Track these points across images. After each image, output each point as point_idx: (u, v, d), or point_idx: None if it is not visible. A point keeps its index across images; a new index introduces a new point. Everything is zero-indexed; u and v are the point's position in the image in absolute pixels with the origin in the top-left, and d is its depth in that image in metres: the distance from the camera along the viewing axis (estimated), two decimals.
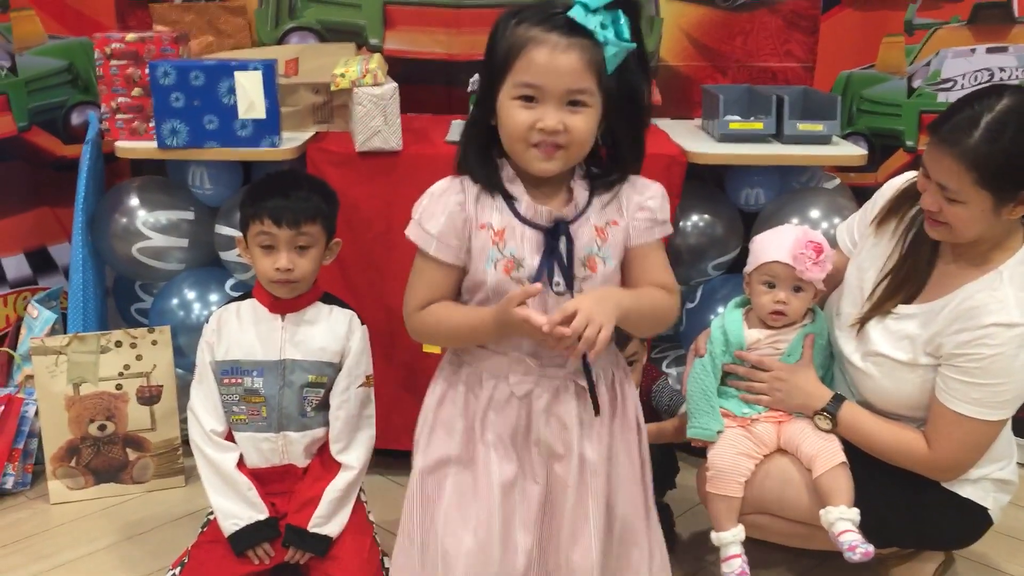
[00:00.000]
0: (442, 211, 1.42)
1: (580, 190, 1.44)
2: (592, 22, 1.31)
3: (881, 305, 1.87)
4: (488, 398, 1.48)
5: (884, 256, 1.91)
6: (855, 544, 1.76)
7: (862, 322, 1.89)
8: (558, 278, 1.41)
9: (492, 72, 1.37)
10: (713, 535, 1.88)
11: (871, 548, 1.75)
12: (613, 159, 1.45)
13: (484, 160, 1.43)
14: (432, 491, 1.52)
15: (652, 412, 2.25)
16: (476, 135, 1.43)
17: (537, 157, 1.37)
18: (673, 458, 2.21)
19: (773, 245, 1.92)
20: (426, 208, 1.43)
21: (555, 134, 1.34)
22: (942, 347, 1.78)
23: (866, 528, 1.79)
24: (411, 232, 1.45)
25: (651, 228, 1.48)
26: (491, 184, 1.42)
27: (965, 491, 1.88)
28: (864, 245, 1.96)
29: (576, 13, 1.31)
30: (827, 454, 1.86)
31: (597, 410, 1.48)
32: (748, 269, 1.97)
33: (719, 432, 1.91)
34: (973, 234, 1.75)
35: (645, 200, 1.47)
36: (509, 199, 1.42)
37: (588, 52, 1.32)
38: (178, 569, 1.98)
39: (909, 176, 1.90)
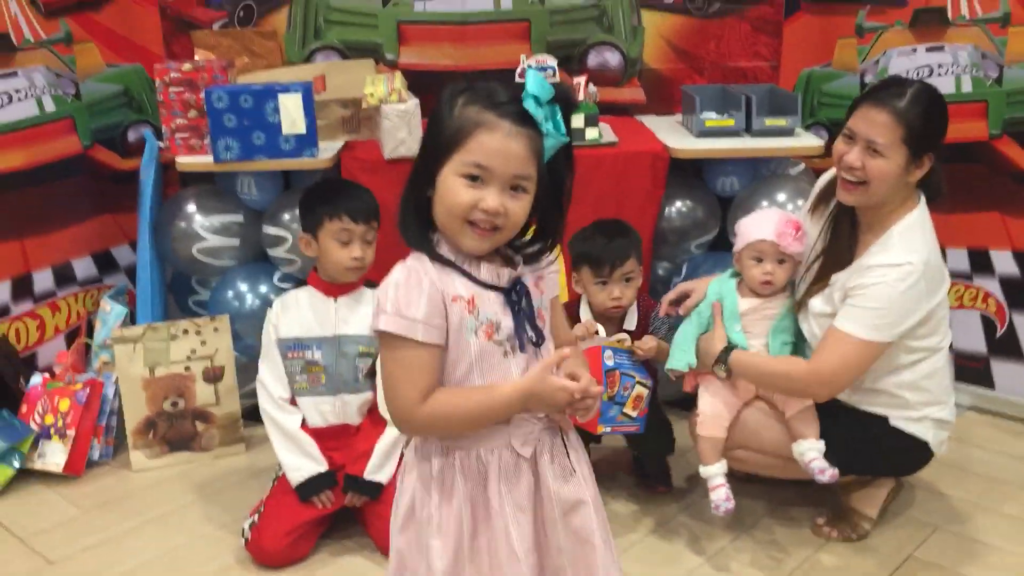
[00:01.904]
0: (420, 295, 1.37)
1: (509, 253, 1.46)
2: (540, 114, 1.35)
3: (815, 284, 2.21)
4: (497, 469, 1.44)
5: (814, 239, 2.27)
6: (823, 468, 2.13)
7: (802, 301, 2.23)
8: (531, 333, 1.44)
9: (437, 147, 1.37)
10: (701, 468, 2.25)
11: (836, 471, 2.12)
12: (538, 232, 1.46)
13: (424, 235, 1.42)
14: None
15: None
16: (415, 207, 1.41)
17: (471, 235, 1.36)
18: (670, 428, 2.55)
19: (758, 226, 2.27)
20: (400, 297, 1.37)
21: (495, 215, 1.35)
22: (845, 294, 2.12)
23: (829, 459, 2.16)
24: (389, 325, 1.36)
25: (556, 279, 1.54)
26: (445, 261, 1.40)
27: (909, 428, 2.22)
28: (808, 230, 2.32)
29: (529, 104, 1.34)
30: (797, 398, 2.23)
31: (573, 468, 1.51)
32: (738, 248, 2.30)
33: (689, 365, 2.25)
34: (884, 191, 2.07)
35: (551, 257, 1.51)
36: (461, 269, 1.41)
37: (534, 141, 1.35)
38: (256, 516, 2.32)
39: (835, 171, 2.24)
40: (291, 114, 2.63)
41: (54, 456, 2.68)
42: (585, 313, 2.44)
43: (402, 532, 1.50)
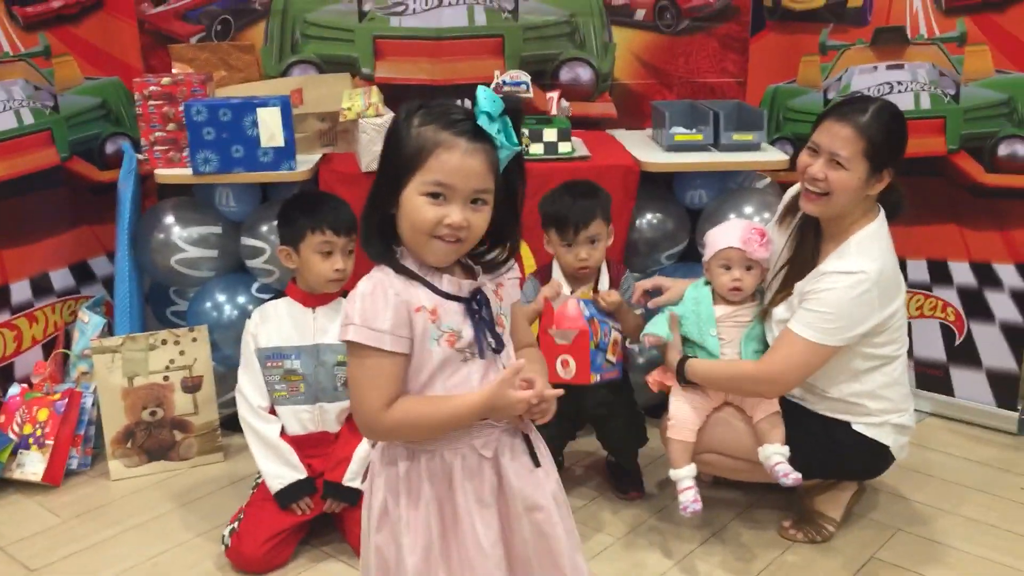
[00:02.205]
0: (386, 306, 1.43)
1: (470, 263, 1.53)
2: (493, 129, 1.41)
3: (779, 293, 2.29)
4: (461, 469, 1.50)
5: (779, 250, 2.36)
6: (788, 472, 2.21)
7: (766, 310, 2.31)
8: (491, 339, 1.50)
9: (398, 168, 1.43)
10: (671, 472, 2.32)
11: (799, 475, 2.20)
12: (495, 239, 1.53)
13: (388, 249, 1.48)
14: None
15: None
16: (377, 225, 1.47)
17: (438, 248, 1.43)
18: (642, 419, 2.64)
19: (725, 235, 2.36)
20: (366, 309, 1.43)
21: (459, 230, 1.41)
22: (801, 298, 2.20)
23: (793, 464, 2.23)
24: (357, 336, 1.43)
25: (516, 284, 1.61)
26: (408, 273, 1.46)
27: (870, 432, 2.30)
28: (775, 241, 2.40)
29: (482, 121, 1.39)
30: (765, 403, 2.30)
31: (537, 463, 1.56)
32: (706, 258, 2.39)
33: (665, 336, 2.36)
34: (845, 202, 2.16)
35: (511, 264, 1.59)
36: (424, 281, 1.47)
37: (490, 155, 1.42)
38: (236, 523, 2.36)
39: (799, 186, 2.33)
40: (269, 127, 2.68)
41: (33, 466, 2.70)
42: (557, 274, 2.50)
43: (378, 531, 1.56)
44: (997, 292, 2.92)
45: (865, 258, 2.16)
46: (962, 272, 2.97)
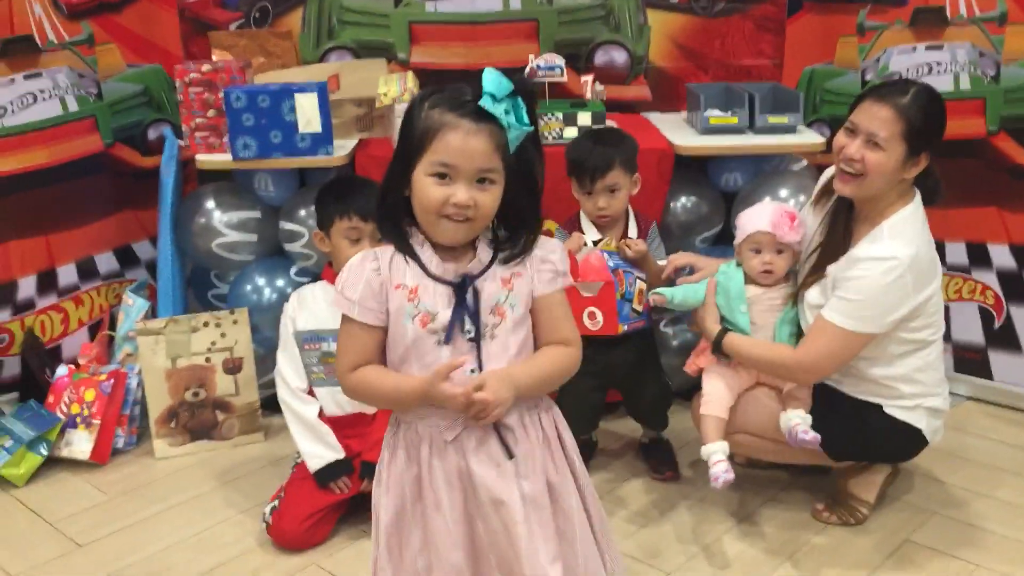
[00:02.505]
0: (359, 279, 1.52)
1: (484, 249, 1.55)
2: (498, 110, 1.43)
3: (811, 275, 2.28)
4: (429, 447, 1.56)
5: (813, 232, 2.35)
6: (806, 430, 2.20)
7: (799, 292, 2.31)
8: (469, 326, 1.52)
9: (409, 150, 1.48)
10: (703, 448, 2.30)
11: (818, 436, 2.19)
12: (516, 223, 1.56)
13: (397, 228, 1.54)
14: (394, 544, 1.62)
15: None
16: (391, 205, 1.54)
17: (447, 228, 1.48)
18: (668, 384, 2.65)
19: (755, 218, 2.35)
20: (347, 280, 1.54)
21: (466, 208, 1.46)
22: (835, 285, 2.20)
23: (827, 448, 2.23)
24: (335, 302, 1.55)
25: (554, 279, 1.59)
26: (403, 249, 1.53)
27: (903, 416, 2.28)
28: (810, 223, 2.40)
29: (485, 102, 1.43)
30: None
31: (510, 455, 1.56)
32: (737, 241, 2.39)
33: (672, 298, 2.36)
34: (880, 184, 2.15)
35: (547, 254, 1.58)
36: (419, 261, 1.53)
37: (495, 136, 1.45)
38: (276, 502, 2.42)
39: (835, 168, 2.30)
40: (307, 113, 2.71)
41: (80, 444, 2.78)
42: (585, 221, 2.50)
43: (376, 484, 1.66)
44: None
45: (898, 242, 2.15)
46: (1002, 255, 2.94)
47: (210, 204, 2.93)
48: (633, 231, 2.52)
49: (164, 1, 3.18)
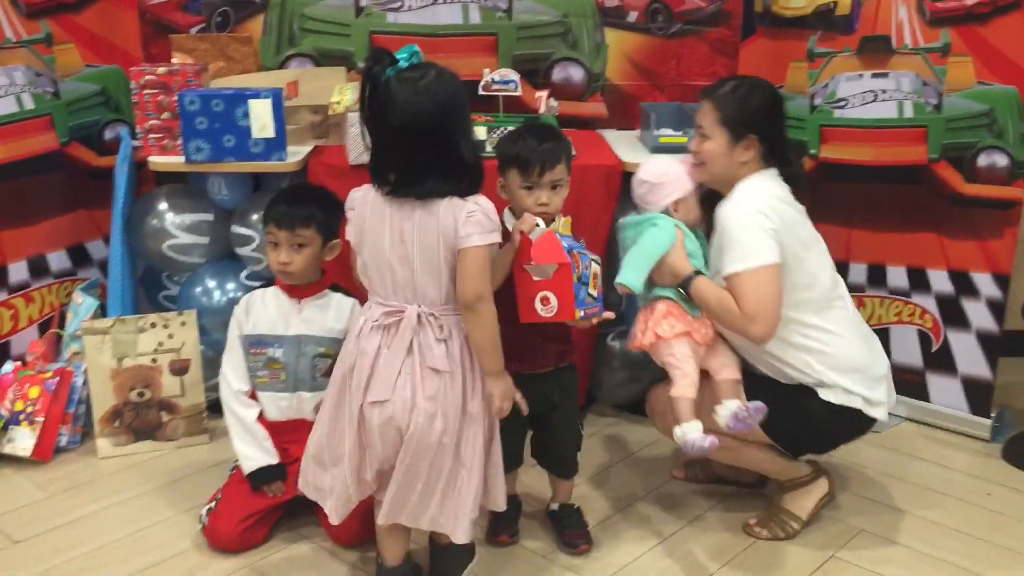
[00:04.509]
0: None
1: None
2: None
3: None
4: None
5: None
6: (744, 405, 2.22)
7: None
8: None
9: None
10: (676, 429, 2.23)
11: (761, 404, 2.21)
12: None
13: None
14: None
15: None
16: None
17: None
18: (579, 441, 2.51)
19: (681, 179, 2.37)
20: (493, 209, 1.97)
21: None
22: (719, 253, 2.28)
23: (780, 440, 2.34)
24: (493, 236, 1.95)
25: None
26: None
27: (837, 399, 2.31)
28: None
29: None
30: (729, 368, 2.32)
31: None
32: (670, 200, 2.35)
33: (639, 287, 2.29)
34: (720, 168, 2.33)
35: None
36: None
37: None
38: (213, 503, 2.43)
39: None
40: (261, 118, 2.74)
41: (23, 441, 2.78)
42: (509, 221, 2.24)
43: None
44: (974, 301, 2.96)
45: (746, 195, 2.29)
46: (940, 280, 3.01)
47: (163, 206, 2.94)
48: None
49: (125, 2, 3.19)
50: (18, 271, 3.07)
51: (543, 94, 3.07)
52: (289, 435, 2.45)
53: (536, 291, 2.10)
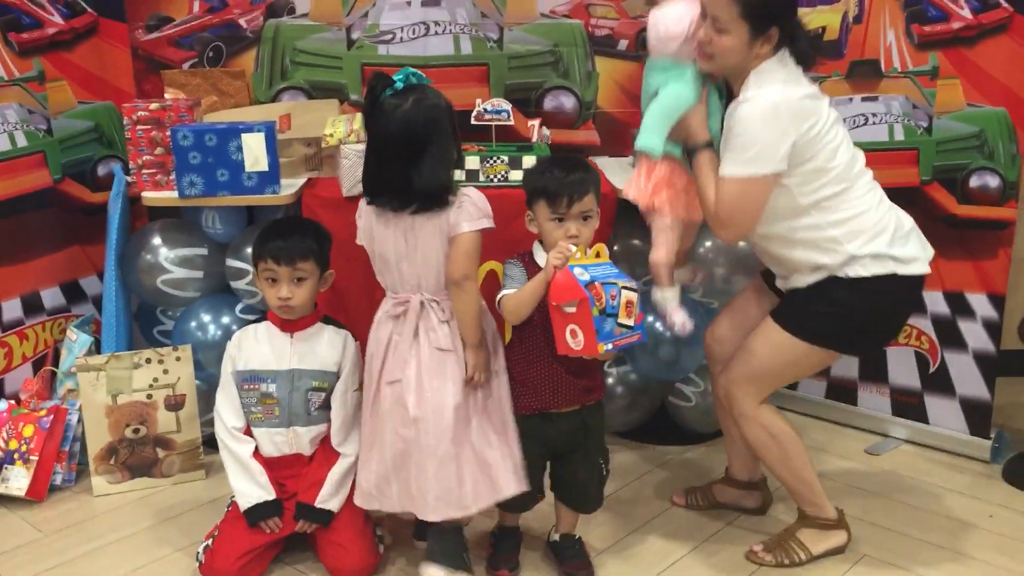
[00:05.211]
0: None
1: None
2: None
3: None
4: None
5: None
6: (676, 308, 2.41)
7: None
8: None
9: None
10: (655, 291, 2.30)
11: (687, 321, 2.40)
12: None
13: None
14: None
15: None
16: None
17: None
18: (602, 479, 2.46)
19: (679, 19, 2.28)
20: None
21: None
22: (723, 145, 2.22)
23: (822, 341, 2.30)
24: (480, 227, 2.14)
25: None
26: None
27: (865, 271, 2.21)
28: None
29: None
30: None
31: None
32: (673, 49, 2.30)
33: (655, 152, 2.33)
34: (734, 61, 2.20)
35: None
36: None
37: None
38: (210, 540, 2.41)
39: None
40: (254, 152, 2.74)
41: (17, 480, 2.76)
42: (539, 256, 2.25)
43: None
44: (970, 321, 2.96)
45: (764, 86, 2.17)
46: (936, 301, 3.01)
47: (156, 240, 2.94)
48: None
49: (117, 39, 3.21)
50: (12, 308, 3.06)
51: (535, 123, 3.08)
52: (286, 470, 2.44)
53: (566, 324, 2.13)
